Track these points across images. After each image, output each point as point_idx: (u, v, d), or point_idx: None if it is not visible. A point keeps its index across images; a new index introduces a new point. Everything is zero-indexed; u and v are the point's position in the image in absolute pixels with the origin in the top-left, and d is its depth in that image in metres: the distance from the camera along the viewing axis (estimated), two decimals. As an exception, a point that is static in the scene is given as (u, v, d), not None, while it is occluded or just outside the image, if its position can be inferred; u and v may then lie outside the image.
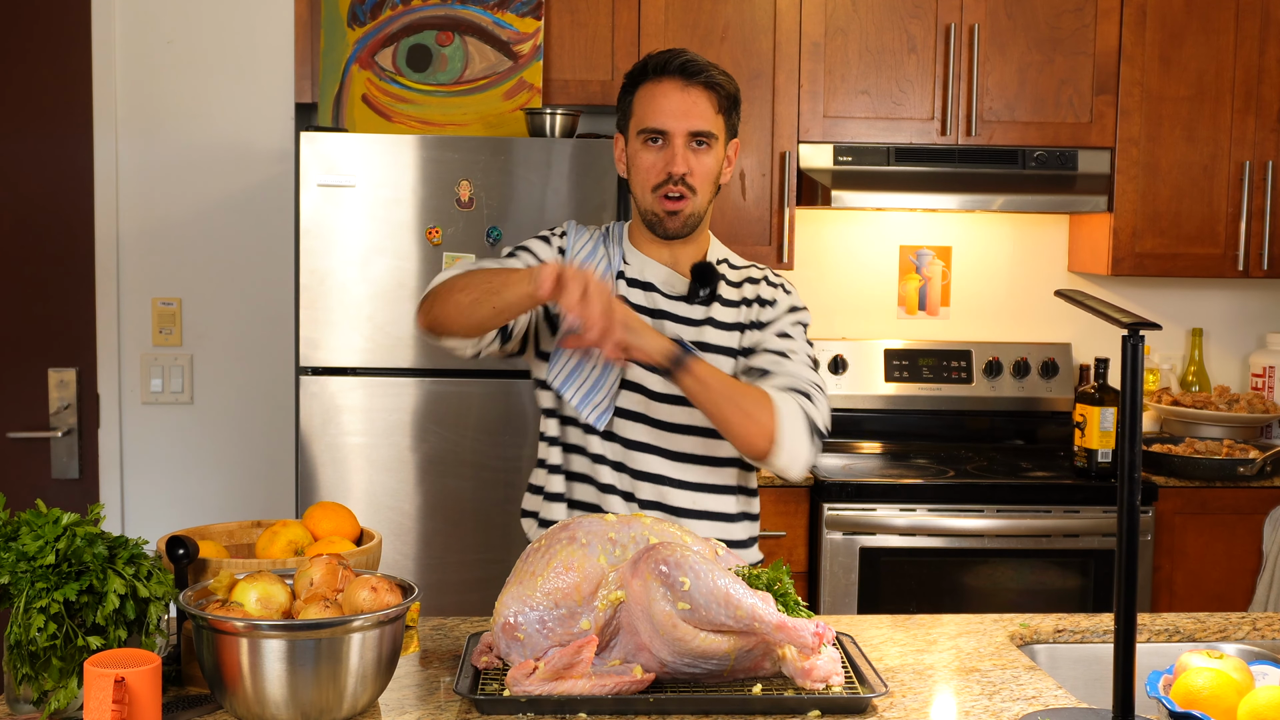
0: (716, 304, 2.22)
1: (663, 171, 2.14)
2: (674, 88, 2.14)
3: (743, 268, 2.30)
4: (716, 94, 2.15)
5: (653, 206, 2.17)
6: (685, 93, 2.14)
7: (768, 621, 1.68)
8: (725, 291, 2.24)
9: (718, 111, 2.17)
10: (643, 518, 1.83)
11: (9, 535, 1.67)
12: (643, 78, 2.18)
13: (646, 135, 2.16)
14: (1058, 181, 3.79)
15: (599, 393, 2.14)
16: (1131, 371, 1.61)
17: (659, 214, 2.17)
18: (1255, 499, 3.58)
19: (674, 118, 2.14)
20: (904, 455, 3.90)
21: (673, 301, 2.21)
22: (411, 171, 3.26)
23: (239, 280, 3.74)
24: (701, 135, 2.15)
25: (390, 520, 3.30)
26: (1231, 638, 2.17)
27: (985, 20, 3.75)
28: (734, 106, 2.20)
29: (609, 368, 2.14)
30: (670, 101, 2.14)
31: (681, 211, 2.16)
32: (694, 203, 2.16)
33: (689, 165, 2.14)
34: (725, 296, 2.23)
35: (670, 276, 2.23)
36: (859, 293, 4.11)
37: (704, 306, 2.21)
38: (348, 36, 3.55)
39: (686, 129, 2.14)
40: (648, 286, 2.22)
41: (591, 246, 2.24)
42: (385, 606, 1.65)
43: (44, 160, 3.70)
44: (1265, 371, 4.06)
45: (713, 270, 2.21)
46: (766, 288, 2.26)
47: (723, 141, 2.19)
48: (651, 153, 2.16)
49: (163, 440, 3.75)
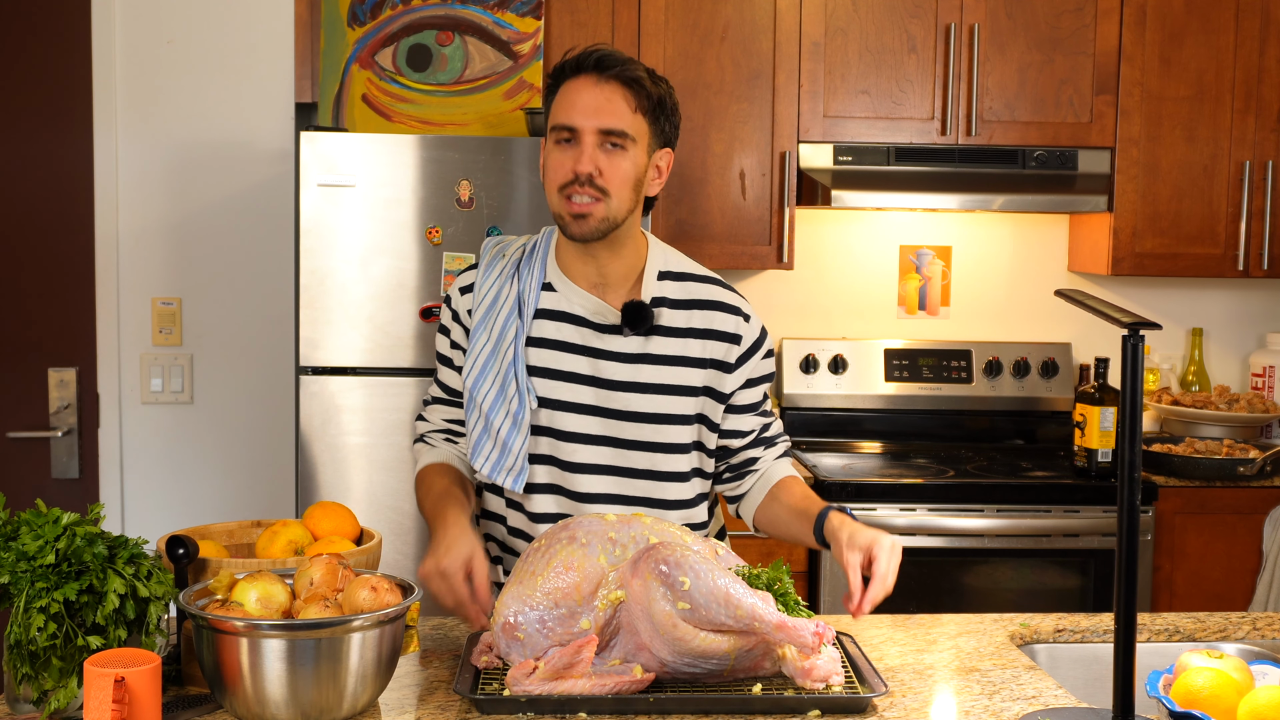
0: (656, 336, 2.08)
1: (570, 171, 1.98)
2: (588, 83, 1.99)
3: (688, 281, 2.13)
4: (634, 90, 1.99)
5: (559, 208, 2.01)
6: (598, 88, 1.99)
7: (768, 621, 1.68)
8: (668, 319, 2.09)
9: (635, 110, 2.00)
10: (642, 518, 1.83)
11: (9, 535, 1.67)
12: (560, 75, 2.04)
13: (558, 134, 2.00)
14: (1058, 181, 3.79)
15: (509, 457, 2.05)
16: (1131, 371, 1.61)
17: (566, 216, 2.01)
18: (1255, 499, 3.58)
19: (583, 114, 1.98)
20: (904, 455, 3.90)
21: (604, 335, 2.07)
22: (411, 171, 3.27)
23: (239, 280, 3.74)
24: (615, 134, 1.98)
25: (390, 520, 3.30)
26: (1231, 637, 2.17)
27: (985, 20, 3.75)
28: (660, 109, 2.03)
29: (514, 426, 2.05)
30: (582, 97, 1.99)
31: (590, 215, 1.99)
32: (607, 207, 1.99)
33: (597, 165, 1.98)
34: (667, 325, 2.09)
35: (600, 308, 2.07)
36: (859, 293, 4.11)
37: (641, 338, 2.07)
38: (348, 36, 3.55)
39: (597, 126, 1.98)
40: (577, 320, 2.08)
41: (498, 287, 2.10)
42: (385, 606, 1.65)
43: (44, 160, 3.70)
44: (1265, 371, 4.06)
45: (645, 311, 2.05)
46: (725, 318, 2.11)
47: (645, 146, 2.02)
48: (560, 151, 2.00)
49: (162, 440, 3.75)
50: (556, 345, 2.08)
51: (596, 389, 2.07)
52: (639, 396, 2.07)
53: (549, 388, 2.07)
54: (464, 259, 3.25)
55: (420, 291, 3.26)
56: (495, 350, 2.08)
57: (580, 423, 2.07)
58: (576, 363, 2.08)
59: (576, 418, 2.07)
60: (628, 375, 2.07)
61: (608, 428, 2.08)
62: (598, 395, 2.07)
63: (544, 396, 2.07)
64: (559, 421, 2.08)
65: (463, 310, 2.14)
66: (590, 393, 2.07)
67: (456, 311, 2.15)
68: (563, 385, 2.07)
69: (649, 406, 2.08)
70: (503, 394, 2.06)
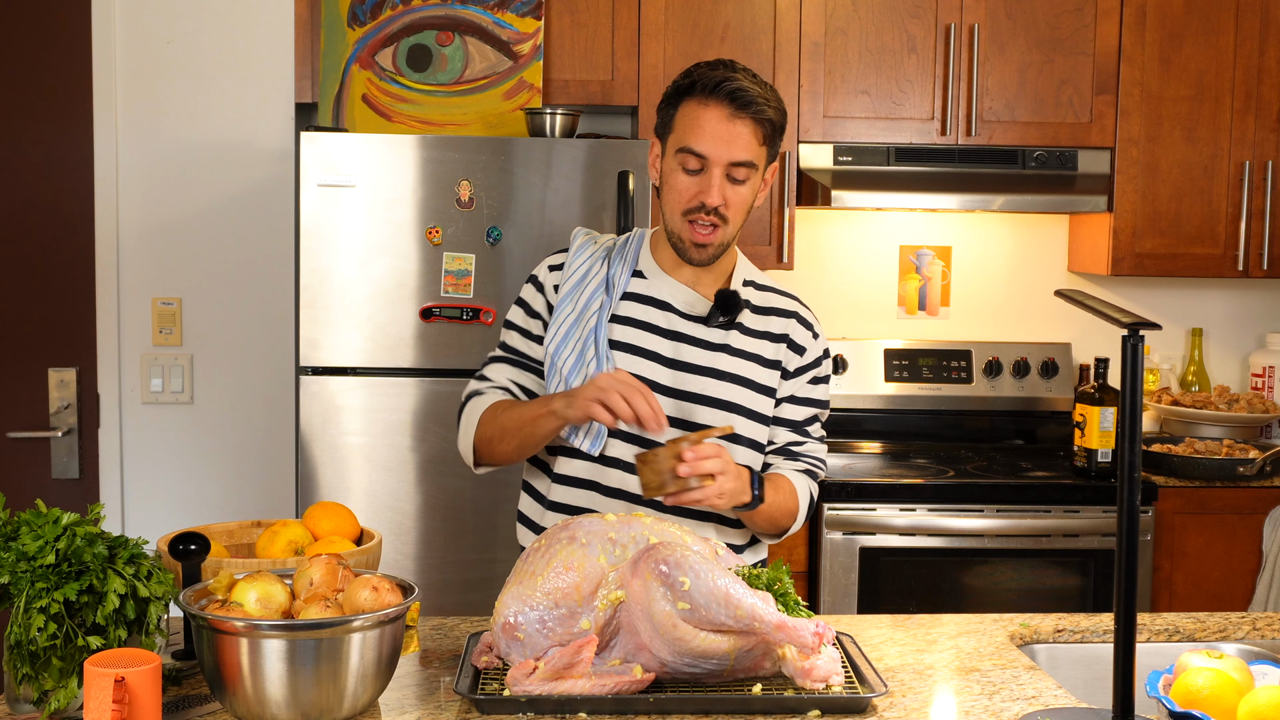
0: (735, 331, 2.16)
1: (696, 199, 2.06)
2: (720, 115, 2.04)
3: (769, 291, 2.23)
4: (764, 127, 2.06)
5: (680, 231, 2.09)
6: (731, 123, 2.03)
7: (768, 621, 1.68)
8: (748, 320, 2.18)
9: (761, 143, 2.07)
10: (642, 517, 1.83)
11: (9, 535, 1.67)
12: (690, 93, 2.06)
13: (684, 156, 2.06)
14: (1058, 181, 3.79)
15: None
16: (1131, 371, 1.61)
17: (686, 241, 2.10)
18: (1255, 499, 3.58)
19: (716, 145, 2.04)
20: (904, 455, 3.90)
21: (690, 323, 2.15)
22: (411, 171, 3.27)
23: (239, 280, 3.74)
24: (742, 165, 2.06)
25: (390, 520, 3.30)
26: (1231, 638, 2.17)
27: (985, 20, 3.75)
28: (779, 134, 2.10)
29: None
30: (714, 128, 2.03)
31: (711, 244, 2.09)
32: (725, 232, 2.09)
33: (724, 197, 2.05)
34: (747, 325, 2.18)
35: (692, 299, 2.16)
36: (859, 293, 4.11)
37: (723, 331, 2.16)
38: (348, 36, 3.55)
39: (728, 159, 2.04)
40: (665, 306, 2.16)
41: (588, 265, 2.17)
42: (385, 606, 1.65)
43: (44, 160, 3.70)
44: (1265, 371, 4.06)
45: (737, 300, 2.13)
46: (798, 328, 2.21)
47: (761, 170, 2.10)
48: (687, 177, 2.06)
49: (163, 440, 3.75)
50: (640, 325, 2.15)
51: (674, 371, 2.14)
52: (715, 383, 2.13)
53: (628, 363, 2.13)
54: (464, 259, 3.25)
55: (420, 291, 3.26)
56: (579, 320, 2.14)
57: None
58: (658, 344, 2.14)
59: None
60: (707, 361, 2.14)
61: (680, 410, 2.12)
62: (675, 377, 2.13)
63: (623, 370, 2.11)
64: None
65: (549, 284, 2.20)
66: (668, 374, 2.13)
67: (542, 285, 2.21)
68: (642, 362, 2.13)
69: (724, 394, 2.14)
70: (581, 359, 2.11)
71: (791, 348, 2.20)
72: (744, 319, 2.17)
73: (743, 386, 2.15)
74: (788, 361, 2.19)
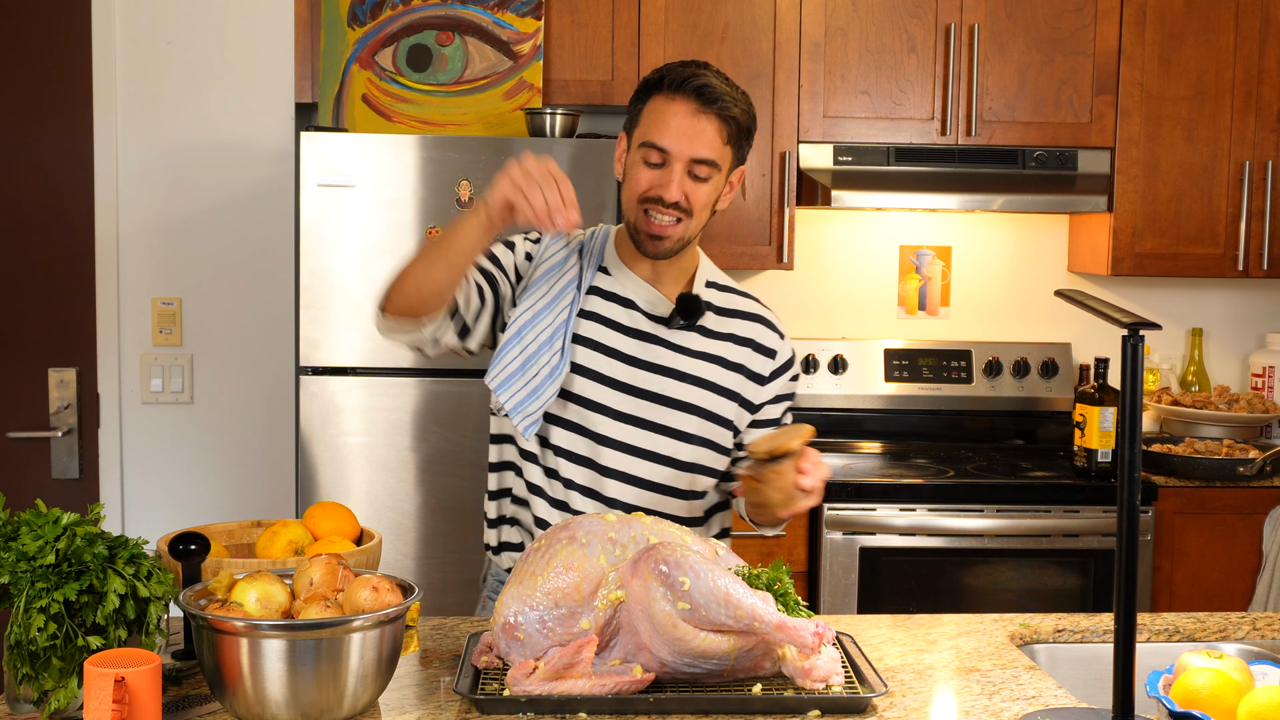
0: (696, 334, 2.16)
1: (654, 190, 2.06)
2: (685, 110, 2.04)
3: (731, 293, 2.23)
4: (728, 125, 2.06)
5: (637, 222, 2.09)
6: (695, 119, 2.04)
7: (768, 621, 1.68)
8: (710, 322, 2.18)
9: (726, 142, 2.07)
10: (642, 518, 1.83)
11: (9, 535, 1.67)
12: (658, 89, 2.08)
13: (647, 150, 2.07)
14: (1058, 181, 3.79)
15: (533, 402, 2.08)
16: (1131, 371, 1.61)
17: (641, 233, 2.09)
18: (1255, 499, 3.58)
19: (679, 140, 2.04)
20: (904, 455, 3.90)
21: (653, 323, 2.15)
22: (411, 171, 3.27)
23: (239, 280, 3.74)
24: (704, 163, 2.06)
25: (390, 520, 3.30)
26: (1231, 638, 2.17)
27: (985, 20, 3.75)
28: (745, 136, 2.10)
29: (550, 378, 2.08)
30: (678, 122, 2.04)
31: (669, 237, 2.08)
32: (685, 228, 2.08)
33: (684, 193, 2.06)
34: (710, 328, 2.17)
35: (654, 298, 2.16)
36: (859, 293, 4.11)
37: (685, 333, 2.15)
38: (348, 36, 3.55)
39: (689, 155, 2.05)
40: (628, 304, 2.15)
41: (563, 255, 2.18)
42: (385, 606, 1.65)
43: (44, 160, 3.70)
44: (1265, 371, 4.06)
45: (698, 304, 2.14)
46: (765, 331, 2.21)
47: (725, 170, 2.10)
48: (648, 170, 2.07)
49: (163, 440, 3.75)
50: (604, 321, 2.15)
51: (634, 369, 2.13)
52: (676, 384, 2.13)
53: (590, 359, 2.13)
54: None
55: (420, 291, 3.26)
56: (552, 305, 2.13)
57: (612, 398, 2.12)
58: (621, 341, 2.14)
59: (610, 392, 2.12)
60: (669, 362, 2.14)
61: (638, 408, 2.12)
62: (635, 375, 2.13)
63: (583, 365, 2.12)
64: (591, 392, 2.12)
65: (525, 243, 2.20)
66: (628, 372, 2.13)
67: (514, 243, 2.20)
68: (602, 358, 2.13)
69: (684, 395, 2.14)
70: (549, 344, 2.10)
71: (760, 351, 2.20)
72: (706, 321, 2.17)
73: (703, 388, 2.14)
74: (759, 366, 2.19)
